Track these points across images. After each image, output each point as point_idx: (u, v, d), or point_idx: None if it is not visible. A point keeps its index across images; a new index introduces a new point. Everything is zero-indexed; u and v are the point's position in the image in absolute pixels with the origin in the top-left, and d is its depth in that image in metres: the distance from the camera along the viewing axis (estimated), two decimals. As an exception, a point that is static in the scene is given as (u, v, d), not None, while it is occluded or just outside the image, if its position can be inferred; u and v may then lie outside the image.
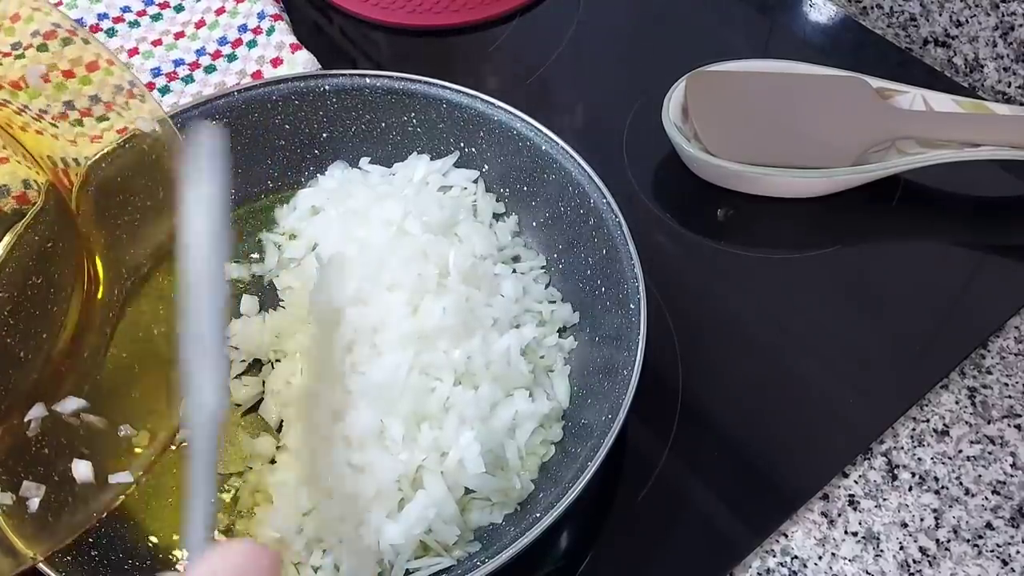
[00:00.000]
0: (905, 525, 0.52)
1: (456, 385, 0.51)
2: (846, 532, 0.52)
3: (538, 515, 0.46)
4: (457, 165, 0.63)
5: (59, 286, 0.55)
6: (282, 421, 0.53)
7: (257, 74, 0.72)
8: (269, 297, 0.60)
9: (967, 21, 0.71)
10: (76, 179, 0.55)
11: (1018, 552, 0.50)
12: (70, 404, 0.50)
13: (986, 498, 0.53)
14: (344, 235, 0.58)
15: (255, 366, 0.57)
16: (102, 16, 0.74)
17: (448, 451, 0.49)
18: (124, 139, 0.59)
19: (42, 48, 0.67)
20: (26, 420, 0.50)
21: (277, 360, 0.56)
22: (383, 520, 0.47)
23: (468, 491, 0.50)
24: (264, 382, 0.55)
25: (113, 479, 0.48)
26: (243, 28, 0.74)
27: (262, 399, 0.55)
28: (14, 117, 0.56)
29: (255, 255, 0.62)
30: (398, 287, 0.53)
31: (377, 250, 0.56)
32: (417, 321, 0.52)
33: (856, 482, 0.53)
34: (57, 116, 0.65)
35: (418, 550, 0.48)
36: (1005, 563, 0.50)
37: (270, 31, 0.73)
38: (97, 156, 0.58)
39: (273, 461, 0.52)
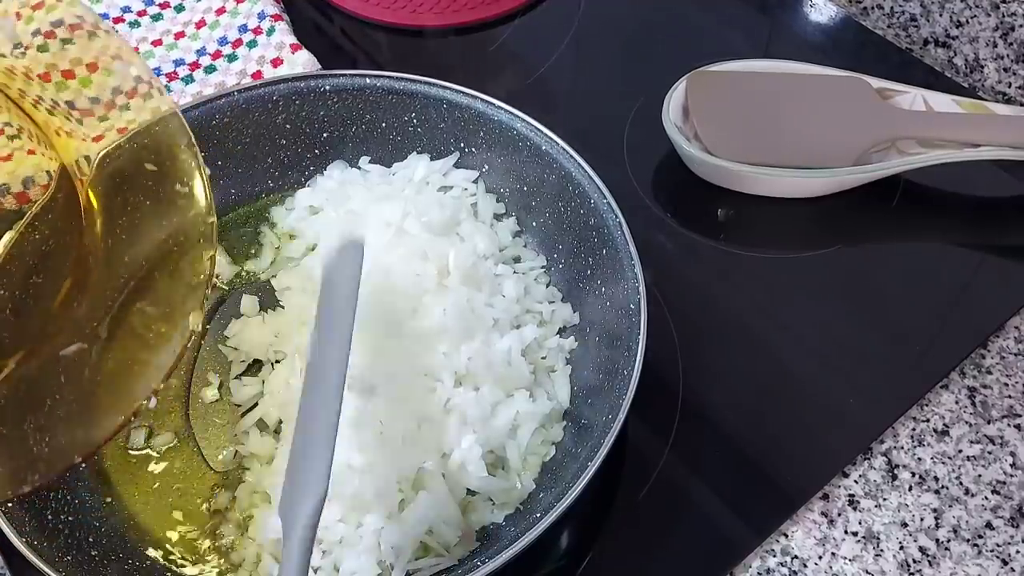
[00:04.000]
0: (905, 525, 0.52)
1: (457, 386, 0.51)
2: (846, 532, 0.52)
3: (538, 515, 0.46)
4: (457, 165, 0.63)
5: (56, 277, 0.55)
6: (281, 421, 0.53)
7: (257, 74, 0.72)
8: (269, 297, 0.60)
9: (967, 22, 0.71)
10: (88, 171, 0.56)
11: (1018, 552, 0.50)
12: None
13: (986, 498, 0.53)
14: (344, 228, 0.58)
15: (255, 366, 0.57)
16: (103, 16, 0.74)
17: (449, 452, 0.49)
18: (129, 135, 0.59)
19: (67, 41, 0.66)
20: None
21: (277, 361, 0.56)
22: (384, 521, 0.47)
23: (470, 491, 0.50)
24: (264, 382, 0.55)
25: None
26: (243, 28, 0.74)
27: (262, 399, 0.55)
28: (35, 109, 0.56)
29: (255, 255, 0.62)
30: (397, 287, 0.53)
31: (376, 250, 0.56)
32: (417, 322, 0.52)
33: (856, 482, 0.53)
34: (84, 111, 0.65)
35: (419, 551, 0.48)
36: (1005, 563, 0.50)
37: (270, 31, 0.73)
38: (104, 151, 0.58)
39: (272, 461, 0.52)
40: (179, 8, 0.77)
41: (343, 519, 0.48)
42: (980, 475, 0.53)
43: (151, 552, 0.50)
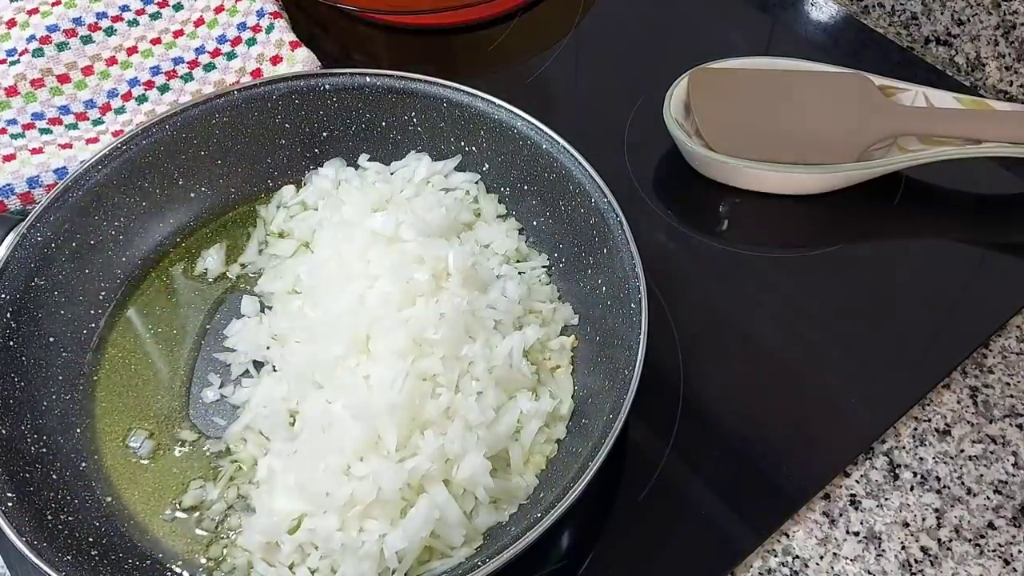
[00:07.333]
0: (907, 525, 0.52)
1: (459, 391, 0.50)
2: (848, 532, 0.51)
3: (539, 515, 0.45)
4: (458, 167, 0.63)
5: None
6: (278, 425, 0.53)
7: (257, 72, 0.72)
8: (268, 298, 0.59)
9: (968, 20, 0.71)
10: None
11: (1020, 552, 0.50)
12: None
13: (988, 497, 0.52)
14: (336, 237, 0.57)
15: (255, 367, 0.56)
16: (101, 15, 0.74)
17: (453, 458, 0.48)
18: (120, 141, 0.59)
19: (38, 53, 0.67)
20: None
21: (274, 366, 0.55)
22: (386, 527, 0.47)
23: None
24: (261, 384, 0.55)
25: None
26: (242, 26, 0.74)
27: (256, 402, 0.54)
28: None
29: (253, 255, 0.62)
30: (393, 291, 0.53)
31: (373, 255, 0.55)
32: (414, 327, 0.51)
33: (858, 482, 0.53)
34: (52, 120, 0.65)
35: (423, 555, 0.48)
36: (1007, 563, 0.50)
37: (269, 29, 0.73)
38: (94, 158, 0.58)
39: (267, 465, 0.51)
40: (178, 6, 0.77)
41: (341, 527, 0.47)
42: (982, 475, 0.53)
43: (151, 552, 0.49)
